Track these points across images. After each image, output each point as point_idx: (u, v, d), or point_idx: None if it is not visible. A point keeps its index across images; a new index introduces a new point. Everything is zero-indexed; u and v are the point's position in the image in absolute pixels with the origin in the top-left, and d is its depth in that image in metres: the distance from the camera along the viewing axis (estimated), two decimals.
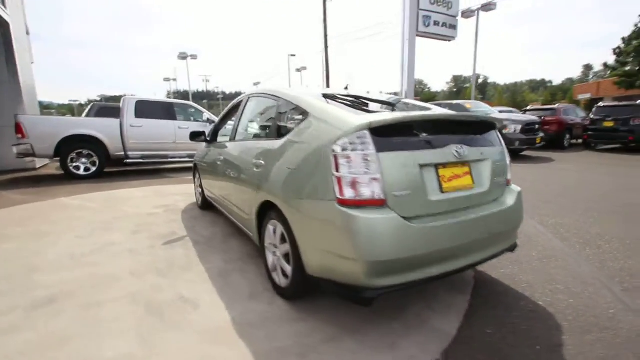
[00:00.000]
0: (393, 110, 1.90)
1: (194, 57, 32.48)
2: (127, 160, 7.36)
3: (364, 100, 2.11)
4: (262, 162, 2.22)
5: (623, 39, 20.96)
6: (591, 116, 10.56)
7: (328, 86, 26.46)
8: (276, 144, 2.14)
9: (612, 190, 5.18)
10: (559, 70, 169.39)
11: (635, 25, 20.19)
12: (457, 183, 1.84)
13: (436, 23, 16.34)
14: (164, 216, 4.02)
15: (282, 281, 2.09)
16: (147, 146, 7.57)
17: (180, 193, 5.37)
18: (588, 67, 72.30)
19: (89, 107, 10.37)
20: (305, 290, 1.99)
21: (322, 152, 1.69)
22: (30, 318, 1.91)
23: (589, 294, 2.15)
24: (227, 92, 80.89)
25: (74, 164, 6.85)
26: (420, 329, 1.81)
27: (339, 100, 2.06)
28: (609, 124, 9.81)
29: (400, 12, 15.90)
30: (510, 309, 2.01)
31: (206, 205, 4.20)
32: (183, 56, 32.44)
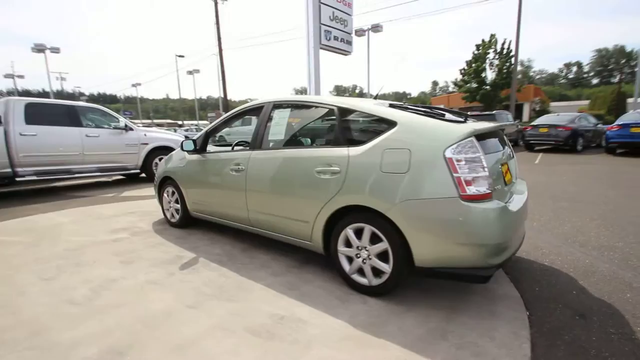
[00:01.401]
0: (465, 119, 2.26)
1: (55, 50, 26.26)
2: (18, 179, 5.73)
3: (435, 111, 2.38)
4: (337, 169, 2.27)
5: (467, 62, 27.08)
6: None
7: (225, 91, 25.48)
8: (356, 151, 2.23)
9: None
10: (415, 84, 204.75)
11: (474, 53, 26.37)
12: (507, 178, 2.33)
13: (336, 38, 17.79)
14: (139, 241, 3.42)
15: (372, 280, 2.20)
16: (43, 160, 6.04)
17: (127, 212, 4.57)
18: (435, 83, 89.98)
19: None
20: (400, 283, 2.16)
21: (435, 156, 1.91)
22: None
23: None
24: (89, 93, 68.02)
25: None
26: (501, 301, 2.22)
27: (411, 111, 2.30)
28: None
29: (304, 25, 16.81)
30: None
31: (187, 221, 3.76)
32: (40, 48, 25.89)
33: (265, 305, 2.14)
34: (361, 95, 59.75)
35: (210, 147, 3.49)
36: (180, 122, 48.37)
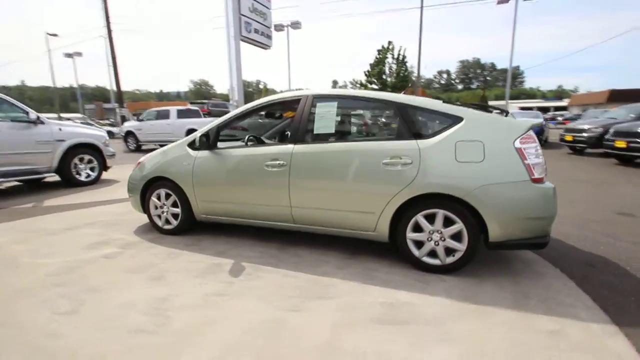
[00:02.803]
0: (506, 114, 2.64)
1: None
2: None
3: (485, 107, 2.68)
4: (409, 161, 2.41)
5: (370, 64, 29.70)
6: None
7: (117, 79, 22.10)
8: (426, 143, 2.41)
9: None
10: (315, 83, 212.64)
11: (376, 57, 29.12)
12: None
13: (256, 31, 17.33)
14: (141, 253, 2.91)
15: (445, 260, 2.43)
16: None
17: (83, 224, 3.74)
18: (335, 82, 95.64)
19: None
20: (471, 259, 2.43)
21: (507, 147, 2.24)
22: None
23: None
24: None
25: None
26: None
27: (469, 106, 2.58)
28: None
29: (223, 15, 15.81)
30: None
31: (187, 227, 3.34)
32: None
33: (363, 296, 2.15)
34: (266, 90, 59.24)
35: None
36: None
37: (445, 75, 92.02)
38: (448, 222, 2.39)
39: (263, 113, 4.28)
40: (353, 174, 2.58)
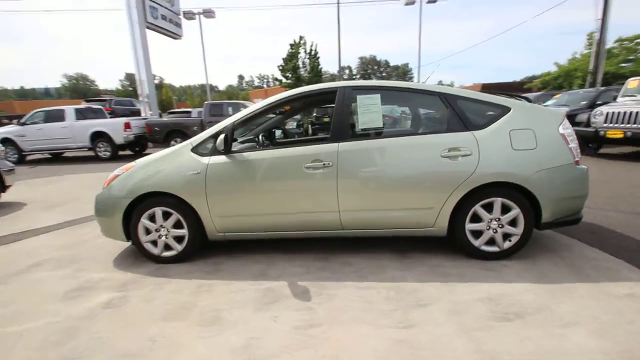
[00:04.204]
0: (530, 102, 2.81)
1: None
2: None
3: (516, 95, 2.79)
4: (468, 152, 2.39)
5: (283, 59, 29.39)
6: (314, 114, 14.86)
7: None
8: (481, 133, 2.42)
9: None
10: (223, 78, 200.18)
11: (288, 51, 28.96)
12: None
13: (164, 17, 15.52)
14: (159, 296, 2.27)
15: (503, 245, 2.51)
16: None
17: (29, 265, 2.76)
18: (241, 77, 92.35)
19: None
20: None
21: (554, 133, 2.41)
22: None
23: None
24: None
25: None
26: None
27: (506, 95, 2.66)
28: (327, 119, 14.40)
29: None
30: None
31: (196, 249, 2.75)
32: None
33: (457, 296, 2.07)
34: (164, 86, 53.76)
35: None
36: None
37: (347, 71, 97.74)
38: (504, 209, 2.47)
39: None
40: (410, 169, 2.45)
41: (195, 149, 2.65)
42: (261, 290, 2.23)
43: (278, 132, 4.21)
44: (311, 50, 29.26)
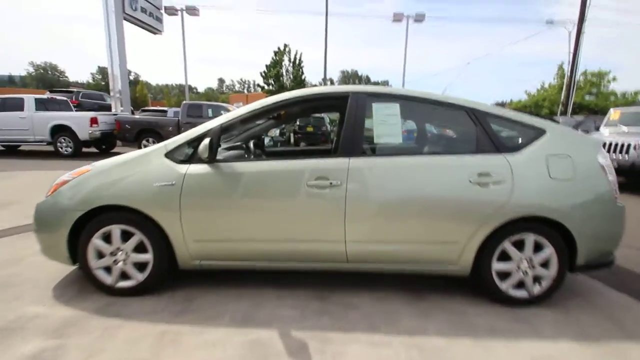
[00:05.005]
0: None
1: None
2: None
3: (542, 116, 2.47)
4: (500, 178, 2.03)
5: (266, 66, 28.95)
6: (297, 123, 14.39)
7: None
8: (516, 158, 2.07)
9: None
10: (203, 80, 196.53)
11: (272, 58, 28.58)
12: None
13: (143, 10, 14.76)
14: (106, 350, 1.71)
15: (533, 290, 2.15)
16: None
17: None
18: (222, 80, 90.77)
19: None
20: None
21: (592, 162, 2.09)
22: None
23: None
24: None
25: None
26: None
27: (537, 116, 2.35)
28: (310, 129, 13.97)
29: None
30: None
31: (163, 278, 2.20)
32: None
33: (494, 354, 1.66)
34: (141, 83, 51.70)
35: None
36: None
37: (329, 82, 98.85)
38: (535, 248, 2.12)
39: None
40: (434, 195, 2.05)
41: (170, 154, 2.13)
42: (246, 343, 1.72)
43: (267, 140, 3.74)
44: (295, 58, 29.06)
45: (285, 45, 29.36)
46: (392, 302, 2.17)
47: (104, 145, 10.45)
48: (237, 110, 2.24)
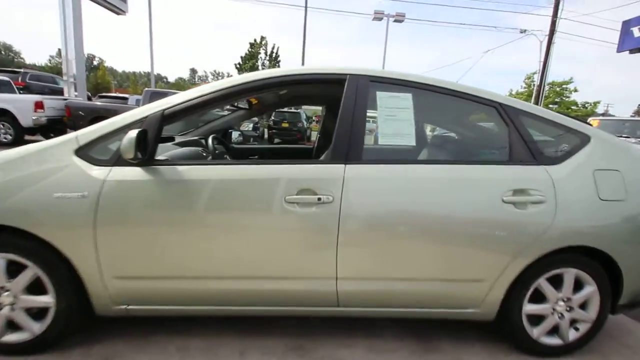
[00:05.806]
0: None
1: None
2: None
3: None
4: (541, 197, 1.54)
5: (241, 57, 27.74)
6: (272, 118, 13.57)
7: None
8: (558, 171, 1.59)
9: None
10: (174, 70, 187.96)
11: (248, 50, 27.43)
12: None
13: None
14: None
15: (568, 337, 1.69)
16: None
17: None
18: (194, 71, 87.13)
19: None
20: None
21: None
22: None
23: None
24: None
25: None
26: None
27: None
28: (285, 124, 13.23)
29: None
30: None
31: (69, 329, 1.53)
32: None
33: None
34: (104, 69, 48.34)
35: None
36: None
37: None
38: (576, 285, 1.67)
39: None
40: (457, 217, 1.53)
41: (83, 151, 1.45)
42: None
43: (235, 135, 3.09)
44: (272, 52, 28.10)
45: (262, 38, 28.35)
46: (395, 355, 1.64)
47: (52, 133, 9.23)
48: (191, 91, 1.60)
